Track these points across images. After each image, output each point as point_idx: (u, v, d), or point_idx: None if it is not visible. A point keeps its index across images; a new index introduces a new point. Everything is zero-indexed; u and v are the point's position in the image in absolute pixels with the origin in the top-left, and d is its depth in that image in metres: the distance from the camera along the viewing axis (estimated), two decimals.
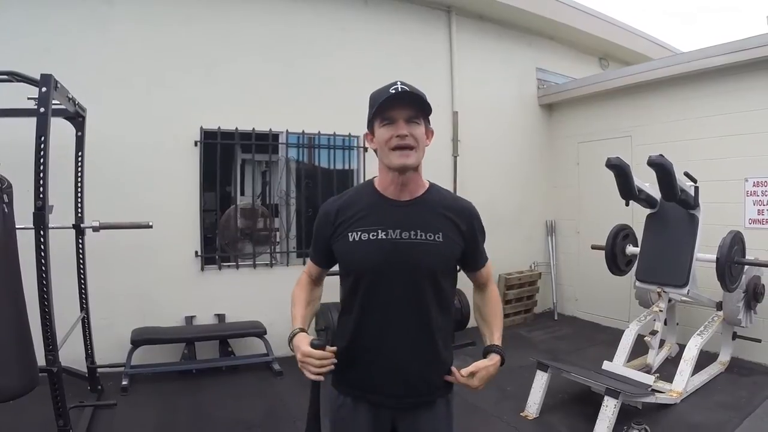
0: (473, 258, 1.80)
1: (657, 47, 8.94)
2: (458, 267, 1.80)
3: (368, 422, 1.70)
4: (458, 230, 1.70)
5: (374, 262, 1.64)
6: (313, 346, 1.58)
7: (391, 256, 1.63)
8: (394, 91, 1.56)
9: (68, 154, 4.09)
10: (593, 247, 5.41)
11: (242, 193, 6.13)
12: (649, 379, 4.11)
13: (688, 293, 4.54)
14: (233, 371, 4.97)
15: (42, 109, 2.86)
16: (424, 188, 1.73)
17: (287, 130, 5.67)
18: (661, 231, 4.80)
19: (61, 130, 3.74)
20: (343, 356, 1.67)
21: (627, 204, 4.61)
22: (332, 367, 1.60)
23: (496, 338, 1.79)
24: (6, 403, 2.21)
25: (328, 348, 1.60)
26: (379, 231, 1.64)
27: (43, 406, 2.92)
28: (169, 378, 4.73)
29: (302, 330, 1.69)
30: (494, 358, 1.71)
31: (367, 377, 1.69)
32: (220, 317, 5.30)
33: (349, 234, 1.67)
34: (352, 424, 1.72)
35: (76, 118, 4.04)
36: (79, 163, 4.16)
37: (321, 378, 1.59)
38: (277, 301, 5.40)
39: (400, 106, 1.57)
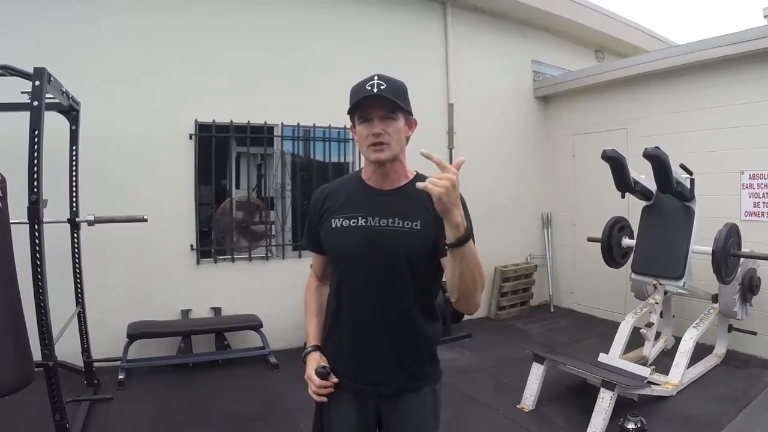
0: None
1: (653, 40, 8.93)
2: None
3: (353, 412, 1.72)
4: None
5: (352, 249, 1.67)
6: (317, 373, 1.68)
7: (369, 242, 1.65)
8: (369, 88, 1.58)
9: (62, 147, 4.05)
10: (589, 240, 5.42)
11: (237, 186, 6.09)
12: (645, 372, 4.12)
13: (683, 285, 4.55)
14: (229, 364, 4.97)
15: (35, 103, 2.85)
16: (408, 178, 1.73)
17: (282, 123, 5.64)
18: (656, 223, 4.81)
19: (54, 124, 3.72)
20: (326, 343, 1.77)
21: (623, 196, 4.62)
22: (332, 390, 1.69)
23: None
24: (2, 399, 2.19)
25: (332, 378, 1.70)
26: (359, 218, 1.68)
27: (40, 400, 2.90)
28: (165, 372, 4.73)
29: (316, 348, 1.79)
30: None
31: (348, 365, 1.72)
32: (216, 311, 5.28)
33: (332, 220, 1.72)
34: (338, 414, 1.73)
35: (70, 112, 4.02)
36: (74, 157, 4.14)
37: (323, 399, 1.70)
38: (273, 294, 5.50)
39: (374, 106, 1.59)
